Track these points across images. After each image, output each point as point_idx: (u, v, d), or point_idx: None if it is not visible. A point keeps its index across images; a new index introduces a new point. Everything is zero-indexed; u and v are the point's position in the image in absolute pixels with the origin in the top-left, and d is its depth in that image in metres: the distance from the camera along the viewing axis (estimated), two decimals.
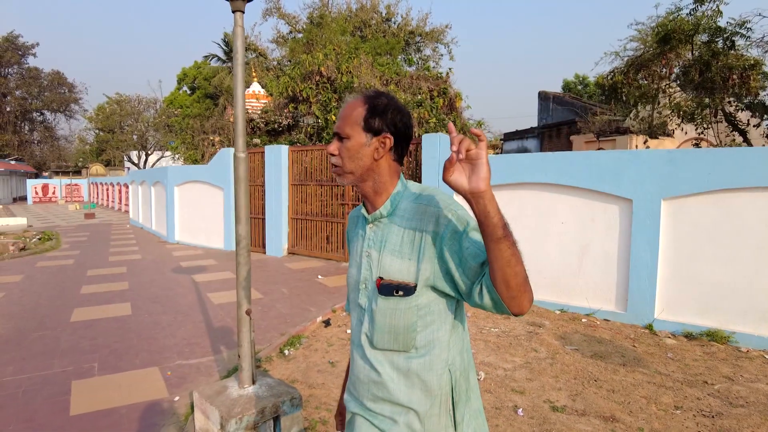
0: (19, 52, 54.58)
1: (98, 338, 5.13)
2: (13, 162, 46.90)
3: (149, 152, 36.84)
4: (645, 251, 5.23)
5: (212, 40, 50.36)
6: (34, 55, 55.79)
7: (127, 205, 25.98)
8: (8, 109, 53.47)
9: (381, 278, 1.22)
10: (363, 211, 1.33)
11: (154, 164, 35.69)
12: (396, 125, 1.24)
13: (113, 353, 4.69)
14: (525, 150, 21.18)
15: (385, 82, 14.79)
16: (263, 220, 10.32)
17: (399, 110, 1.25)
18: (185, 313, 6.08)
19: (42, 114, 57.12)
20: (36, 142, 56.79)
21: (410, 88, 14.99)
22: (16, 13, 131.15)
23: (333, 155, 1.29)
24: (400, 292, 1.18)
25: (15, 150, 51.32)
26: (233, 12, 2.96)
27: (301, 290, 7.11)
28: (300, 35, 23.82)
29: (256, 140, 15.50)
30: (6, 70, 54.64)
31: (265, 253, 10.20)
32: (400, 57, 22.96)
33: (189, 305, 6.43)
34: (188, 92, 54.88)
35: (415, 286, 1.17)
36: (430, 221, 1.16)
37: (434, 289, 1.18)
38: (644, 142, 14.23)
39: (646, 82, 12.06)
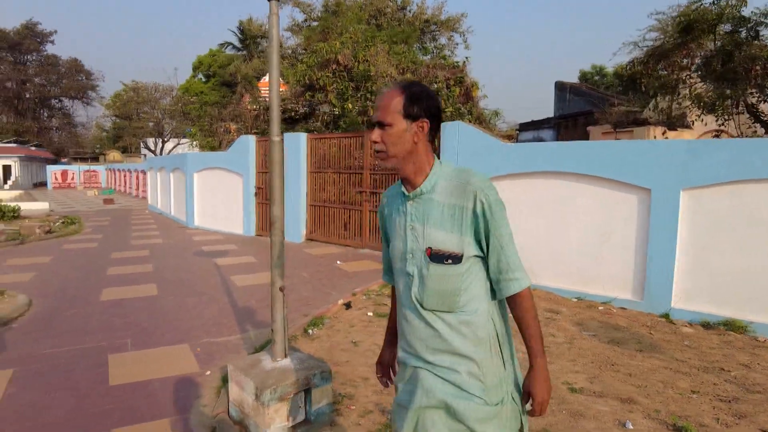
0: (38, 40, 55.26)
1: (128, 316, 5.33)
2: (33, 148, 47.68)
3: (165, 139, 37.22)
4: (663, 241, 5.28)
5: (227, 28, 50.57)
6: (53, 42, 56.55)
7: (144, 191, 26.38)
8: (27, 95, 54.26)
9: (430, 248, 1.38)
10: (402, 189, 1.48)
11: (170, 151, 36.08)
12: (431, 110, 1.40)
13: (144, 330, 4.88)
14: (541, 140, 21.09)
15: (401, 70, 14.82)
16: (281, 207, 10.47)
17: (432, 96, 1.40)
18: (210, 294, 6.27)
19: (60, 101, 57.91)
20: (54, 128, 57.65)
21: (426, 77, 14.99)
22: (34, 0, 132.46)
23: (376, 142, 1.42)
24: (449, 261, 1.36)
25: (34, 136, 52.16)
26: (268, 0, 3.06)
27: (322, 275, 7.27)
28: (315, 23, 23.83)
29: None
30: (25, 58, 55.40)
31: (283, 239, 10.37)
32: (415, 46, 22.89)
33: (213, 287, 6.62)
34: (203, 80, 55.22)
35: (462, 255, 1.37)
36: (469, 198, 1.35)
37: (473, 255, 1.38)
38: (663, 134, 14.12)
39: (666, 72, 11.95)
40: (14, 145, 44.34)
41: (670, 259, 5.24)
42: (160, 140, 36.81)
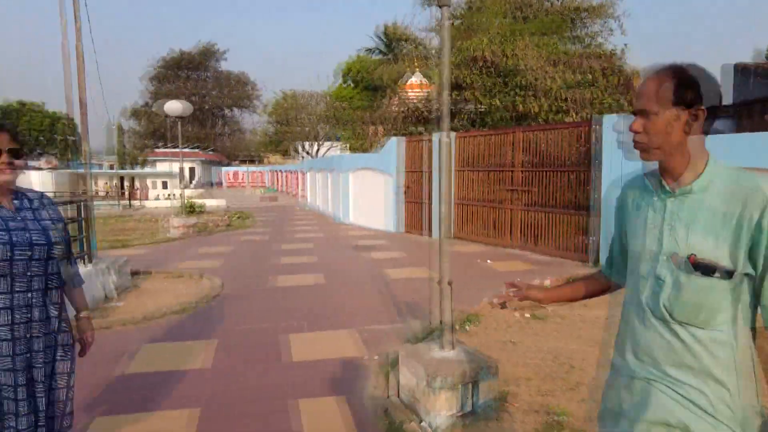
0: (213, 59, 63.77)
1: (301, 301, 5.97)
2: (210, 153, 55.22)
3: (320, 143, 40.37)
4: None
5: (374, 33, 52.96)
6: (225, 59, 64.64)
7: (302, 189, 28.98)
8: (206, 107, 62.80)
9: (694, 256, 1.22)
10: (647, 182, 1.36)
11: (323, 154, 39.03)
12: (708, 96, 1.23)
13: (316, 314, 5.42)
14: (717, 132, 18.48)
15: (550, 62, 14.18)
16: (428, 205, 10.76)
17: (710, 79, 1.24)
18: (369, 285, 6.72)
19: (231, 110, 66.06)
20: (226, 135, 65.83)
21: (578, 68, 14.13)
22: (210, 25, 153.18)
23: (637, 132, 1.29)
24: (717, 274, 1.20)
25: (211, 142, 60.26)
26: (440, 6, 3.21)
27: (471, 273, 7.33)
28: (458, 21, 23.80)
29: (419, 128, 16.10)
30: (205, 74, 64.31)
31: (429, 236, 10.65)
32: (564, 36, 21.63)
33: (371, 278, 7.08)
34: (351, 85, 58.68)
35: (734, 271, 1.19)
36: (756, 208, 1.16)
37: (745, 272, 1.20)
38: None
39: None
40: (197, 150, 51.80)
41: None
42: (315, 143, 39.99)
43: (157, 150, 50.35)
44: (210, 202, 20.31)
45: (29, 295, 1.87)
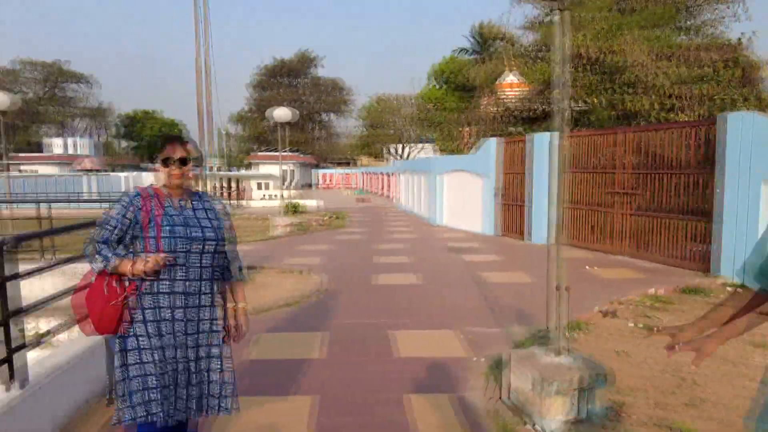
0: (309, 65, 66.69)
1: (401, 299, 6.14)
2: (304, 155, 57.89)
3: (409, 145, 40.82)
4: None
5: (469, 33, 52.46)
6: (316, 65, 67.34)
7: (391, 191, 29.47)
8: (304, 112, 65.95)
9: None
10: None
11: (410, 156, 39.43)
12: None
13: (417, 313, 5.56)
14: None
15: (660, 57, 13.23)
16: (524, 207, 10.52)
17: None
18: (467, 287, 6.75)
19: (323, 115, 68.70)
20: (319, 138, 68.54)
21: (694, 62, 13.04)
22: (307, 33, 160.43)
23: None
24: None
25: (305, 146, 63.09)
26: (559, 11, 3.19)
27: (575, 279, 7.04)
28: (550, 18, 22.87)
29: (512, 129, 15.76)
30: (300, 81, 67.48)
31: (526, 240, 10.42)
32: (676, 27, 20.02)
33: (468, 281, 7.10)
34: (442, 86, 58.63)
35: None
36: None
37: None
38: None
39: None
40: (294, 153, 54.58)
41: None
42: (403, 146, 40.50)
43: (258, 153, 53.76)
44: (305, 203, 21.32)
45: (187, 283, 2.11)
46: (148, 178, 41.91)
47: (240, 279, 2.42)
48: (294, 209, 15.93)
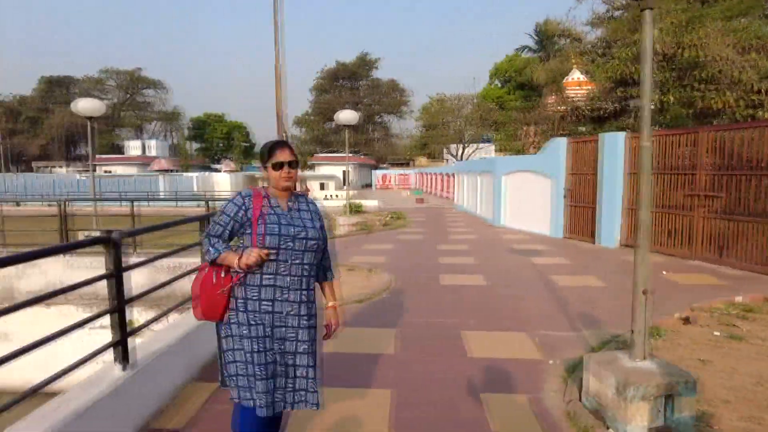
0: (367, 68, 67.51)
1: (467, 300, 6.17)
2: (362, 156, 58.64)
3: (466, 145, 40.43)
4: None
5: (532, 31, 51.39)
6: (377, 68, 68.05)
7: (448, 191, 29.32)
8: (364, 114, 66.76)
9: None
10: None
11: (469, 156, 39.01)
12: None
13: (484, 314, 5.57)
14: None
15: (741, 50, 12.39)
16: (593, 209, 10.21)
17: None
18: (535, 289, 6.67)
19: (381, 116, 69.29)
20: (376, 140, 69.21)
21: None
22: (365, 37, 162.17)
23: None
24: None
25: (363, 147, 63.91)
26: (642, 10, 3.13)
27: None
28: (619, 13, 21.93)
29: (581, 128, 15.29)
30: (359, 83, 68.44)
31: (594, 242, 10.10)
32: (761, 14, 18.67)
33: (535, 283, 7.01)
34: (499, 86, 57.70)
35: None
36: None
37: None
38: None
39: None
40: (351, 154, 55.46)
41: None
42: (462, 146, 40.14)
43: (319, 155, 55.03)
44: (365, 203, 21.65)
45: (288, 279, 2.24)
46: (215, 178, 43.94)
47: (332, 278, 2.55)
48: (356, 209, 16.23)
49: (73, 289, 2.85)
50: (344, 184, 46.37)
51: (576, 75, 18.79)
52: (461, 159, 38.49)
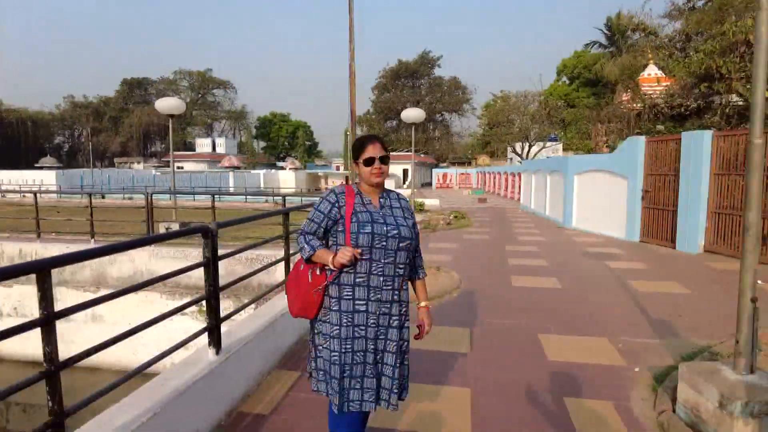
0: (429, 66, 67.17)
1: (542, 303, 6.00)
2: (422, 155, 58.42)
3: (532, 143, 39.25)
4: None
5: (602, 25, 49.17)
6: (439, 66, 67.55)
7: (512, 191, 28.67)
8: (425, 112, 66.61)
9: None
10: None
11: (535, 155, 37.90)
12: None
13: (561, 318, 5.40)
14: None
15: None
16: (674, 212, 9.63)
17: None
18: (613, 294, 6.39)
19: (441, 115, 68.75)
20: (436, 138, 68.78)
21: None
22: (428, 33, 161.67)
23: None
24: None
25: (423, 146, 63.69)
26: None
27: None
28: (702, 2, 20.49)
29: (660, 126, 14.46)
30: (420, 82, 68.24)
31: (674, 247, 9.53)
32: None
33: (613, 288, 6.70)
34: (567, 82, 55.67)
35: None
36: None
37: None
38: None
39: None
40: (410, 153, 55.48)
41: None
42: (527, 144, 39.06)
43: None
44: (427, 202, 21.59)
45: (381, 278, 2.18)
46: (280, 176, 45.38)
47: (423, 276, 2.49)
48: (419, 208, 16.20)
49: (173, 276, 3.03)
50: (403, 183, 46.50)
51: (652, 70, 17.76)
52: (526, 158, 37.42)
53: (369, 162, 2.23)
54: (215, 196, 11.66)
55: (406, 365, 2.34)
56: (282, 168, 57.84)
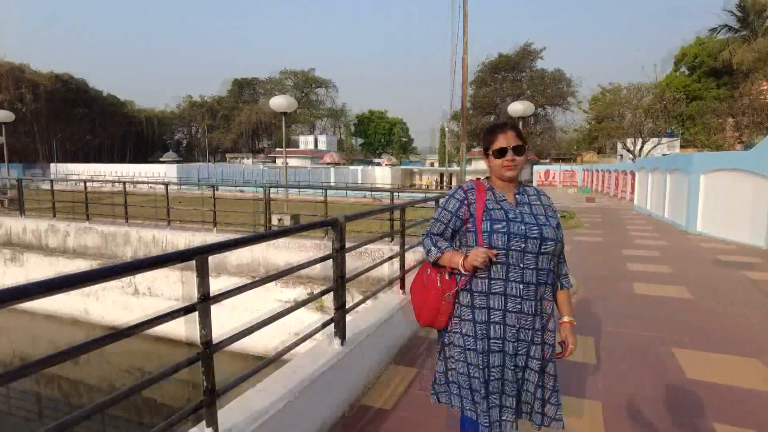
0: (531, 58, 64.45)
1: (672, 314, 5.48)
2: None
3: (645, 139, 36.13)
4: None
5: (723, 8, 43.97)
6: (542, 58, 64.54)
7: (623, 190, 26.69)
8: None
9: None
10: None
11: (648, 152, 34.90)
12: None
13: (697, 332, 4.88)
14: None
15: None
16: None
17: None
18: (756, 308, 5.68)
19: (544, 109, 65.73)
20: (538, 133, 65.99)
21: None
22: (530, 27, 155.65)
23: None
24: None
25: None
26: None
27: None
28: None
29: None
30: (521, 75, 65.74)
31: None
32: None
33: (756, 301, 5.97)
34: (686, 72, 50.58)
35: None
36: None
37: None
38: None
39: None
40: None
41: None
42: (639, 140, 36.05)
43: (473, 149, 54.41)
44: None
45: (521, 286, 1.91)
46: (376, 172, 46.26)
47: (568, 287, 2.15)
48: None
49: (307, 267, 3.15)
50: None
51: None
52: (639, 155, 34.53)
53: (500, 153, 1.98)
54: (323, 191, 12.10)
55: (550, 387, 2.03)
56: (378, 164, 58.89)
